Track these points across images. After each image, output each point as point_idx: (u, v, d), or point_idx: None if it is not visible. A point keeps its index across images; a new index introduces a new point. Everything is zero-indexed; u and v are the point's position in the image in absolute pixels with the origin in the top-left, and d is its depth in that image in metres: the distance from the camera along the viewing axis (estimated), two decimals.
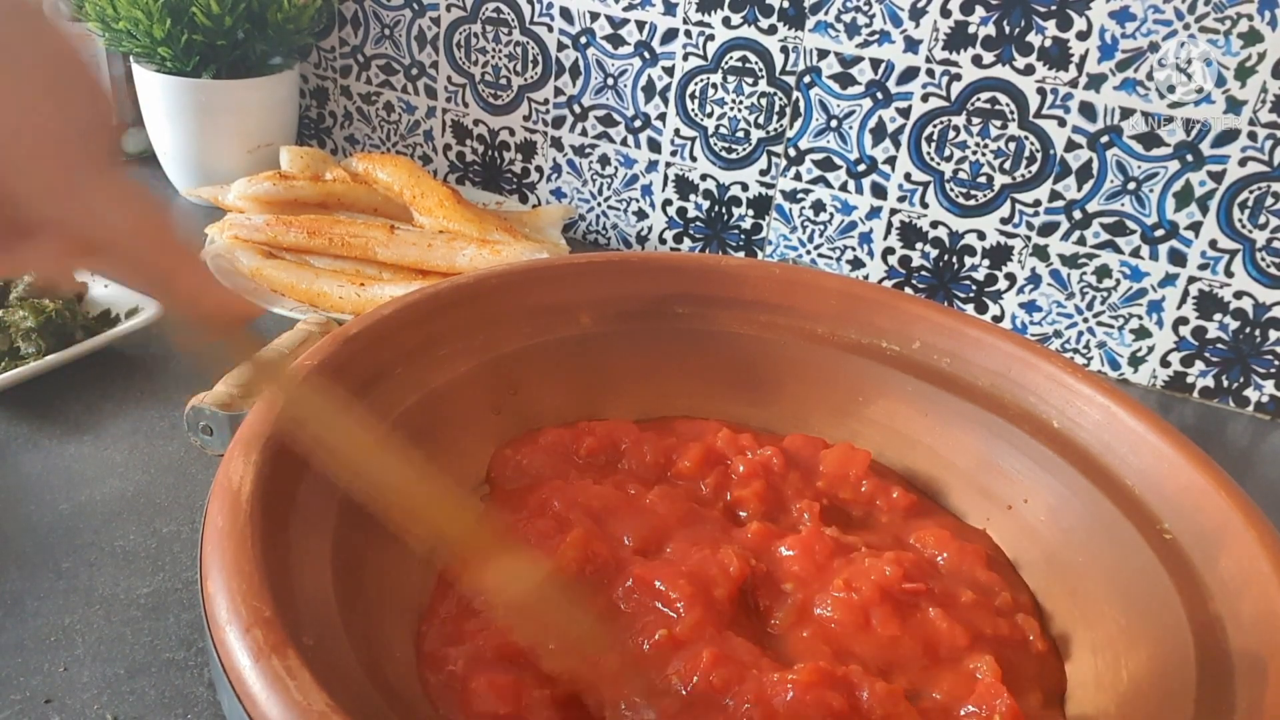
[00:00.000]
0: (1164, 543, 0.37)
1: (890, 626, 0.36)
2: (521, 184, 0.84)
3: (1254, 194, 0.60)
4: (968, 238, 0.69)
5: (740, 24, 0.70)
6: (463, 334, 0.44)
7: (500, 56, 0.80)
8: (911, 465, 0.47)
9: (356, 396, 0.38)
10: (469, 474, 0.43)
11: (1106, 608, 0.37)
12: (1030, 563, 0.42)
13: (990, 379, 0.46)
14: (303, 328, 0.49)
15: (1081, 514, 0.40)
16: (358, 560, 0.34)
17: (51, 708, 0.36)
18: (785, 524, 0.41)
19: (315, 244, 0.66)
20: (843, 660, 0.34)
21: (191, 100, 0.75)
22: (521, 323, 0.46)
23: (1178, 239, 0.63)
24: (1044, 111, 0.63)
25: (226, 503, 0.30)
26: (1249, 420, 0.65)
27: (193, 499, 0.47)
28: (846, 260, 0.73)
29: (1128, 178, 0.63)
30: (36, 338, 0.54)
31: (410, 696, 0.31)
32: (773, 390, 0.49)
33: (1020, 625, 0.38)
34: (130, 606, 0.41)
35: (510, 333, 0.46)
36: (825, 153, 0.71)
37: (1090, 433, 0.42)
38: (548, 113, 0.80)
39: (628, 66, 0.75)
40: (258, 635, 0.26)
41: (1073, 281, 0.67)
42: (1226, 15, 0.57)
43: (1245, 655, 0.31)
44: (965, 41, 0.64)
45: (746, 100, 0.72)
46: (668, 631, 0.34)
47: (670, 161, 0.77)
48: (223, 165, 0.77)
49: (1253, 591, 0.33)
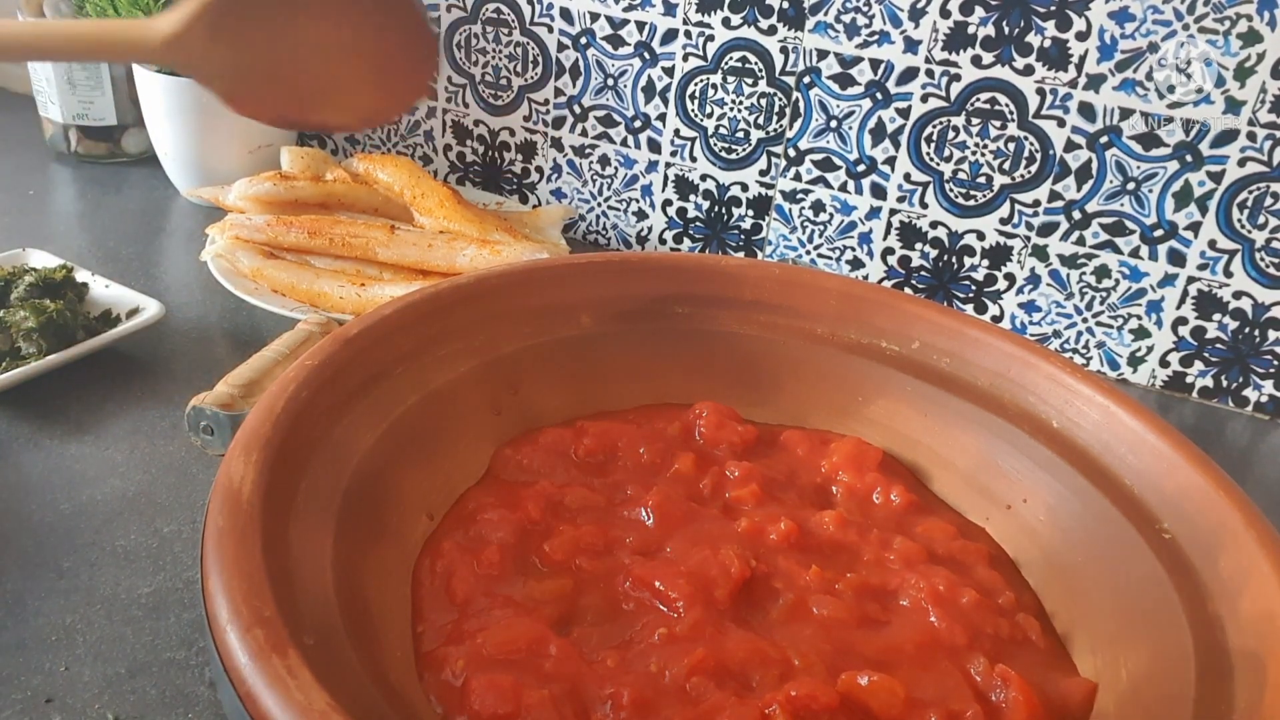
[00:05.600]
0: (1163, 542, 0.37)
1: (890, 625, 0.36)
2: (522, 184, 0.84)
3: (1253, 194, 0.60)
4: (967, 238, 0.69)
5: (740, 24, 0.70)
6: (463, 334, 0.44)
7: (500, 57, 0.80)
8: (911, 465, 0.47)
9: (356, 396, 0.38)
10: (469, 474, 0.43)
11: (1105, 607, 0.37)
12: (1029, 562, 0.42)
13: (990, 379, 0.46)
14: (303, 328, 0.49)
15: (1081, 514, 0.40)
16: (358, 560, 0.34)
17: (52, 707, 0.36)
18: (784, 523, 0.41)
19: (316, 244, 0.66)
20: (843, 658, 0.34)
21: (192, 100, 0.75)
22: (521, 323, 0.46)
23: (1177, 239, 0.63)
24: (1043, 112, 0.63)
25: (227, 502, 0.30)
26: (1248, 420, 0.65)
27: (194, 499, 0.47)
28: (846, 260, 0.73)
29: (1127, 178, 0.63)
30: (37, 338, 0.54)
31: (410, 696, 0.31)
32: (772, 390, 0.49)
33: (1021, 624, 0.38)
34: (131, 606, 0.41)
35: (510, 333, 0.46)
36: (825, 153, 0.71)
37: (1090, 433, 0.42)
38: (548, 113, 0.80)
39: (628, 67, 0.75)
40: (258, 634, 0.26)
41: (1072, 282, 0.67)
42: (1226, 16, 0.57)
43: (1244, 654, 0.31)
44: (965, 42, 0.64)
45: (746, 101, 0.72)
46: (667, 631, 0.34)
47: (670, 162, 0.77)
48: (223, 166, 0.78)
49: (1252, 591, 0.33)
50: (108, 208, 0.79)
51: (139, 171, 0.85)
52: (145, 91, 0.77)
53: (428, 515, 0.40)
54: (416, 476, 0.40)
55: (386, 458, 0.38)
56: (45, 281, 0.58)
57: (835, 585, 0.38)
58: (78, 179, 0.84)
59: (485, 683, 0.31)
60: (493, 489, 0.42)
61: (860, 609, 0.37)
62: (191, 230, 0.76)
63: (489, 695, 0.31)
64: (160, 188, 0.82)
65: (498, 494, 0.42)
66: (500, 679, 0.31)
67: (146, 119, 0.79)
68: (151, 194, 0.82)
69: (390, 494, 0.38)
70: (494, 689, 0.31)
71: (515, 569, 0.37)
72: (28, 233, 0.73)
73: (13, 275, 0.59)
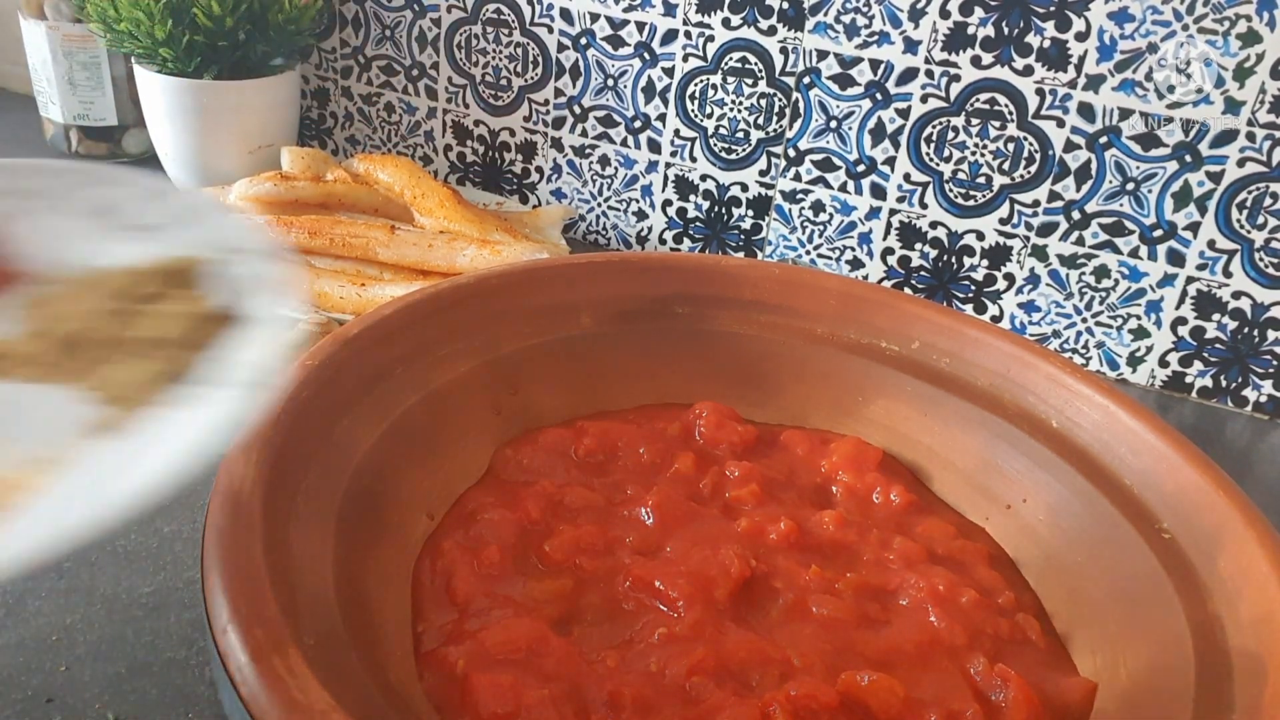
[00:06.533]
0: (1163, 542, 0.37)
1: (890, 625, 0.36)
2: (522, 184, 0.84)
3: (1252, 194, 0.60)
4: (967, 238, 0.69)
5: (740, 25, 0.70)
6: (463, 334, 0.44)
7: (501, 57, 0.80)
8: (911, 465, 0.47)
9: (357, 396, 0.38)
10: (469, 474, 0.43)
11: (1105, 607, 0.37)
12: (1029, 562, 0.42)
13: (989, 379, 0.46)
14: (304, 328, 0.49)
15: (1080, 514, 0.40)
16: (358, 560, 0.34)
17: (53, 707, 0.36)
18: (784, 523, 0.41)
19: (316, 244, 0.66)
20: (842, 658, 0.34)
21: (193, 101, 0.75)
22: (521, 323, 0.46)
23: (1176, 239, 0.63)
24: (1043, 112, 0.63)
25: (228, 502, 0.30)
26: (1247, 420, 0.65)
27: (194, 498, 0.47)
28: (846, 260, 0.73)
29: (1126, 178, 0.63)
30: None
31: (411, 696, 0.31)
32: (772, 390, 0.49)
33: (1020, 624, 0.38)
34: (132, 606, 0.41)
35: (510, 333, 0.46)
36: (825, 153, 0.71)
37: (1089, 433, 0.42)
38: (548, 113, 0.80)
39: (628, 67, 0.75)
40: (259, 634, 0.26)
41: (1071, 282, 0.67)
42: (1225, 16, 0.57)
43: (1244, 655, 0.31)
44: (964, 42, 0.64)
45: (746, 101, 0.72)
46: (667, 630, 0.34)
47: (670, 162, 0.77)
48: (224, 166, 0.78)
49: (1251, 591, 0.33)
50: None
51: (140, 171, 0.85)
52: (146, 92, 0.77)
53: (428, 515, 0.40)
54: (416, 476, 0.40)
55: (386, 458, 0.38)
56: None
57: (835, 585, 0.38)
58: None
59: (485, 682, 0.31)
60: (493, 489, 0.42)
61: (860, 609, 0.37)
62: None
63: (489, 695, 0.31)
64: None
65: (498, 494, 0.42)
66: (500, 679, 0.31)
67: (147, 119, 0.79)
68: None
69: (390, 494, 0.38)
70: (494, 688, 0.31)
71: (515, 569, 0.37)
72: None
73: None
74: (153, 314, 0.32)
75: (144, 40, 0.72)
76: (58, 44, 0.81)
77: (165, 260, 0.35)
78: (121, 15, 0.71)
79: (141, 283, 0.34)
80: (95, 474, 0.26)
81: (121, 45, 0.74)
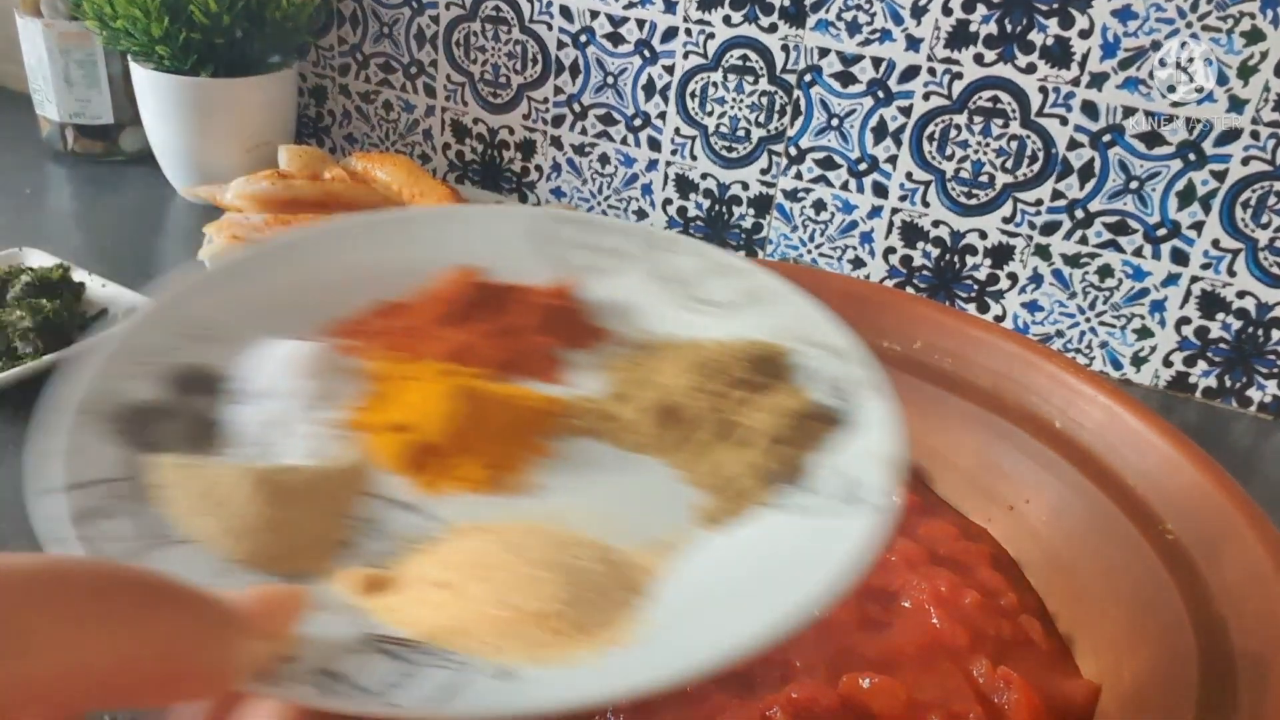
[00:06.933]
0: (1166, 544, 0.37)
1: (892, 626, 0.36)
2: (521, 183, 0.84)
3: (1256, 193, 0.60)
4: (969, 237, 0.68)
5: (741, 22, 0.70)
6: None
7: (500, 55, 0.79)
8: (913, 465, 0.47)
9: None
10: None
11: (1108, 609, 0.37)
12: (1032, 564, 0.41)
13: (992, 379, 0.45)
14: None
15: (1083, 515, 0.40)
16: None
17: None
18: None
19: None
20: (844, 660, 0.34)
21: (189, 99, 0.75)
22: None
23: (1180, 238, 0.63)
24: (1046, 110, 0.63)
25: None
26: (1252, 420, 0.65)
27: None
28: (847, 260, 0.73)
29: (1130, 177, 0.63)
30: (34, 337, 0.54)
31: None
32: None
33: (1023, 626, 0.38)
34: None
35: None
36: (826, 152, 0.70)
37: (1092, 433, 0.42)
38: (547, 111, 0.80)
39: (628, 65, 0.75)
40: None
41: (1075, 281, 0.67)
42: (1229, 14, 0.57)
43: (1247, 656, 0.31)
44: (967, 40, 0.63)
45: (747, 99, 0.72)
46: None
47: (670, 160, 0.76)
48: (221, 164, 0.77)
49: (1255, 592, 0.33)
50: (104, 207, 0.79)
51: (136, 170, 0.85)
52: (142, 89, 0.76)
53: None
54: None
55: None
56: (42, 281, 0.58)
57: None
58: (74, 178, 0.84)
59: None
60: None
61: (862, 610, 0.37)
62: (189, 229, 0.76)
63: None
64: (157, 186, 0.82)
65: None
66: None
67: (143, 117, 0.79)
68: (148, 193, 0.81)
69: None
70: None
71: None
72: (24, 232, 0.73)
73: (9, 275, 0.58)
74: (754, 403, 0.31)
75: (140, 37, 0.72)
76: (54, 41, 0.81)
77: (753, 344, 0.34)
78: (118, 12, 0.71)
79: (731, 365, 0.33)
80: (718, 581, 0.26)
81: (117, 42, 0.74)
